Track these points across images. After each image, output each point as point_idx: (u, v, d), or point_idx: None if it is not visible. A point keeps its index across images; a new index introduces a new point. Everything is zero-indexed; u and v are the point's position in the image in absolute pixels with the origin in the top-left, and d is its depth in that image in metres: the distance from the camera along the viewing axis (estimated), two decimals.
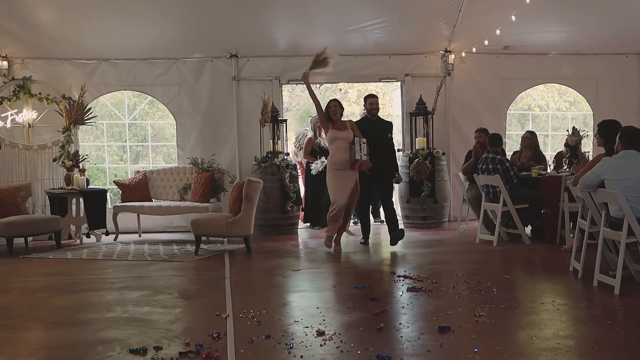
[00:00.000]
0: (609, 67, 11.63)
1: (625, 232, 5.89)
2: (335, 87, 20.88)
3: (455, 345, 4.58)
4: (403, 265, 7.76)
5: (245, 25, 10.33)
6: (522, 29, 10.54)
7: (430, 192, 10.56)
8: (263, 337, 4.85)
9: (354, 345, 4.60)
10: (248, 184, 8.73)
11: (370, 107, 9.23)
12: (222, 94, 11.08)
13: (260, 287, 6.91)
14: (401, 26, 10.72)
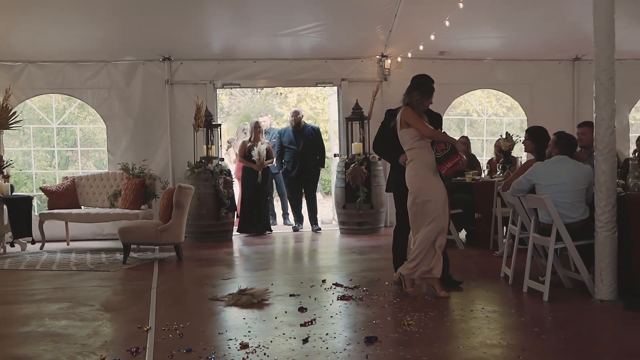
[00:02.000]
0: (542, 73, 11.76)
1: (553, 238, 5.88)
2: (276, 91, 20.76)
3: (380, 356, 4.47)
4: (336, 272, 7.64)
5: (178, 28, 10.07)
6: (457, 35, 10.55)
7: (366, 197, 10.48)
8: (184, 350, 4.66)
9: (277, 358, 4.44)
10: (178, 190, 8.49)
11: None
12: (155, 98, 10.80)
13: (188, 297, 6.68)
14: (337, 30, 10.62)
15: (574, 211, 5.98)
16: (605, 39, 5.68)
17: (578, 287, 6.19)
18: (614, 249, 5.69)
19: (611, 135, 5.70)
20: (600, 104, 5.72)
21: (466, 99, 14.68)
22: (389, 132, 6.48)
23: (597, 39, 5.73)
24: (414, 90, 6.39)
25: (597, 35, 5.72)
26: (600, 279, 5.74)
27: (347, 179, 10.51)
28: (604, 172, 5.67)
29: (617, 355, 4.57)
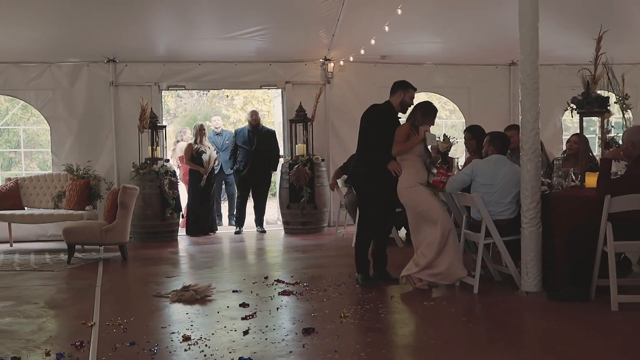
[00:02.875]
0: (480, 77, 12.17)
1: (482, 234, 6.21)
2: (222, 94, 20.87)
3: (317, 345, 4.70)
4: (279, 270, 7.86)
5: (123, 29, 10.12)
6: (397, 40, 10.87)
7: (309, 197, 10.71)
8: (127, 344, 4.82)
9: (218, 349, 4.64)
10: (123, 190, 8.60)
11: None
12: (100, 100, 10.83)
13: (132, 294, 6.83)
14: (282, 34, 10.82)
15: (504, 210, 6.32)
16: (529, 46, 6.02)
17: (507, 281, 6.53)
18: (538, 244, 6.03)
19: (535, 137, 6.04)
20: (525, 108, 6.06)
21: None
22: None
23: (522, 45, 6.07)
24: (418, 111, 6.73)
25: (522, 42, 6.06)
26: (526, 272, 6.08)
27: (290, 180, 10.73)
28: (529, 172, 6.01)
29: (538, 342, 4.89)
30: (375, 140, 6.69)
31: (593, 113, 6.58)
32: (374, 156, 6.73)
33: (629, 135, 5.69)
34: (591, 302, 5.69)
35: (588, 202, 5.84)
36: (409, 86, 6.81)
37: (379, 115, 6.81)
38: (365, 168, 6.82)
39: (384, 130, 6.68)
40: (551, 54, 11.57)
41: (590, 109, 6.47)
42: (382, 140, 6.63)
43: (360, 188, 7.08)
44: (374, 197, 6.78)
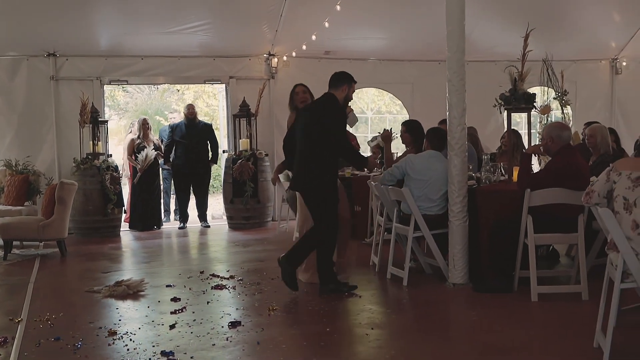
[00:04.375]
0: (423, 72, 12.31)
1: (412, 227, 6.34)
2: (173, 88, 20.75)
3: (241, 338, 4.78)
4: (216, 264, 7.91)
5: (63, 23, 10.02)
6: (340, 35, 10.97)
7: (253, 192, 10.76)
8: (52, 339, 4.83)
9: (142, 344, 4.68)
10: (61, 186, 8.54)
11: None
12: (40, 94, 10.68)
13: (65, 290, 6.80)
14: (225, 29, 10.83)
15: (434, 206, 6.46)
16: (456, 44, 6.18)
17: (436, 273, 6.68)
18: (465, 237, 6.19)
19: (462, 132, 6.20)
20: (452, 104, 6.22)
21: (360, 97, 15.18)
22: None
23: (449, 43, 6.22)
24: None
25: (449, 40, 6.21)
26: (453, 265, 6.23)
27: (234, 175, 10.76)
28: (456, 166, 6.16)
29: (460, 332, 5.06)
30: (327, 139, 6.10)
31: (520, 109, 6.74)
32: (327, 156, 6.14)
33: (548, 131, 5.86)
34: (514, 293, 5.87)
35: (512, 196, 6.00)
36: (353, 80, 6.47)
37: (334, 111, 6.19)
38: (317, 170, 6.13)
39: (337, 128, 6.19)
40: (493, 50, 11.82)
41: (517, 105, 6.64)
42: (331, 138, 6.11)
43: (318, 193, 6.15)
44: (334, 199, 6.19)
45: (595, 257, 6.20)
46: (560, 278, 6.38)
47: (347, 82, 6.38)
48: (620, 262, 3.95)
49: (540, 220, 5.66)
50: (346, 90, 6.35)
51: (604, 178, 4.17)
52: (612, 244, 4.06)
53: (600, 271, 4.78)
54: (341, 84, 6.34)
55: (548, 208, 5.64)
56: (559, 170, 5.70)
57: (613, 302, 4.00)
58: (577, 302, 5.51)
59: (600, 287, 4.36)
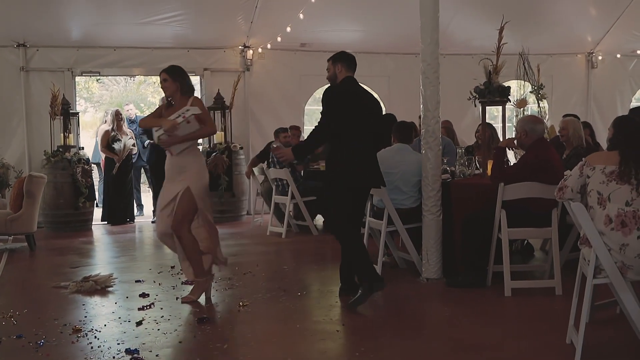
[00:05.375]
0: (399, 65, 12.25)
1: (385, 222, 6.26)
2: (149, 80, 20.58)
3: (209, 335, 4.68)
4: None
5: (33, 12, 9.82)
6: (315, 27, 10.86)
7: (227, 186, 10.64)
8: (14, 337, 4.70)
9: (107, 341, 4.56)
10: (29, 179, 8.37)
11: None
12: (9, 85, 10.45)
13: (31, 286, 6.63)
14: (200, 20, 10.67)
15: (407, 199, 6.40)
16: (429, 36, 6.11)
17: (410, 268, 6.61)
18: (438, 231, 6.13)
19: (436, 125, 6.13)
20: (427, 96, 6.15)
21: None
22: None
23: (422, 35, 6.15)
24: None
25: (423, 32, 6.15)
26: (426, 259, 6.17)
27: (208, 168, 10.57)
28: (430, 160, 6.10)
29: (430, 328, 4.99)
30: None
31: (494, 102, 6.69)
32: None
33: (522, 125, 5.81)
34: (488, 287, 5.83)
35: (486, 190, 5.94)
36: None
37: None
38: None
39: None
40: (470, 44, 11.77)
41: (492, 98, 6.57)
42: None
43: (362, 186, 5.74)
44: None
45: (570, 251, 6.17)
46: (534, 273, 6.34)
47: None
48: (593, 257, 3.90)
49: (514, 214, 5.61)
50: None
51: (577, 173, 4.11)
52: (585, 239, 4.01)
53: (574, 266, 4.73)
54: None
55: (522, 202, 5.59)
56: (532, 164, 5.65)
57: (585, 298, 3.95)
58: (551, 297, 5.48)
59: (574, 281, 4.31)
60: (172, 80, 5.72)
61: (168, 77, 5.72)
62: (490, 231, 5.76)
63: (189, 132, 5.59)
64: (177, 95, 5.74)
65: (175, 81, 5.72)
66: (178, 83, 5.73)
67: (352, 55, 5.96)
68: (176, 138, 5.57)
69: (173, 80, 5.72)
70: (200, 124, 5.63)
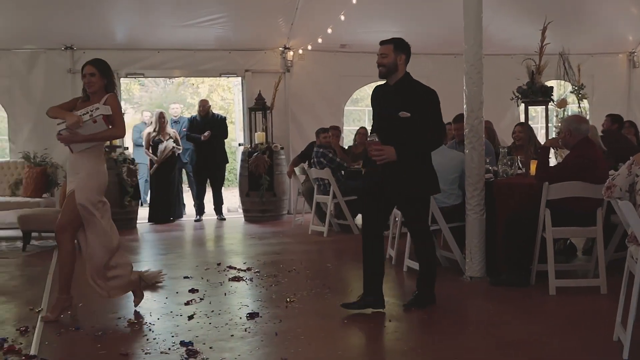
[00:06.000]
0: (438, 66, 12.28)
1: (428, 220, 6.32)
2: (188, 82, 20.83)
3: (259, 329, 4.81)
4: (233, 256, 7.94)
5: (81, 16, 10.08)
6: (356, 28, 10.96)
7: (269, 185, 10.79)
8: (73, 329, 4.88)
9: (161, 334, 4.72)
10: None
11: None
12: (57, 87, 10.73)
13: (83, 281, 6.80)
14: (241, 22, 10.86)
15: (447, 197, 6.47)
16: (473, 37, 6.17)
17: (453, 266, 6.68)
18: (482, 230, 6.18)
19: (479, 125, 6.20)
20: (470, 97, 6.22)
21: (368, 92, 15.06)
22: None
23: (466, 36, 6.22)
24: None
25: (466, 33, 6.22)
26: (470, 258, 6.23)
27: (250, 168, 10.80)
28: (473, 160, 6.16)
29: (475, 326, 5.05)
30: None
31: (537, 102, 6.73)
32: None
33: (566, 125, 5.85)
34: (531, 286, 5.86)
35: (529, 189, 6.00)
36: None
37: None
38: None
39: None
40: (510, 44, 11.77)
41: (535, 99, 6.62)
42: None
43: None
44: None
45: (614, 251, 6.18)
46: (578, 272, 6.36)
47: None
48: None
49: (558, 213, 5.65)
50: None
51: (625, 172, 4.15)
52: (633, 237, 4.04)
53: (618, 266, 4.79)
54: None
55: (566, 201, 5.63)
56: (577, 163, 5.69)
57: (633, 295, 3.98)
58: (596, 296, 5.50)
59: (618, 281, 4.35)
60: (101, 75, 5.24)
61: (96, 72, 5.23)
62: (534, 230, 5.81)
63: (93, 132, 5.10)
64: (100, 91, 5.26)
65: (104, 77, 5.26)
66: (106, 80, 5.27)
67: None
68: (78, 136, 5.09)
69: (101, 75, 5.24)
70: (110, 125, 5.15)
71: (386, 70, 5.16)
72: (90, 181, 5.19)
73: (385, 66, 5.16)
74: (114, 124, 5.19)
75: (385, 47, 5.19)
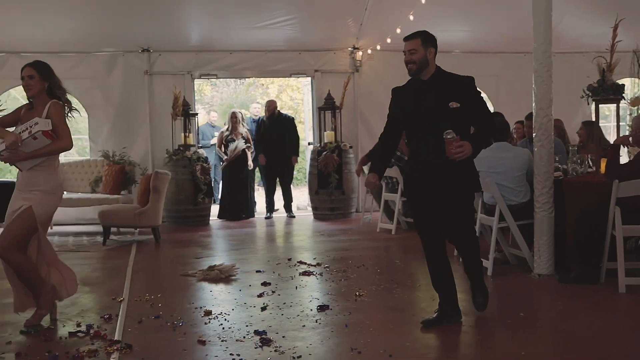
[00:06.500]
0: (507, 65, 12.23)
1: (497, 218, 6.39)
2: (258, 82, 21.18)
3: (329, 321, 4.98)
4: (302, 252, 8.13)
5: (157, 20, 10.47)
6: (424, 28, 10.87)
7: (337, 184, 10.96)
8: (152, 317, 5.15)
9: (236, 323, 4.94)
10: (155, 175, 8.95)
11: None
12: (135, 88, 11.19)
13: (161, 274, 7.18)
14: (311, 23, 11.05)
15: (515, 195, 6.50)
16: (542, 35, 6.19)
17: (521, 264, 6.70)
18: (550, 228, 6.20)
19: (548, 123, 6.20)
20: (539, 95, 6.24)
21: None
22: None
23: (535, 34, 6.24)
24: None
25: (536, 31, 6.23)
26: (538, 256, 6.25)
27: (319, 167, 10.98)
28: (542, 158, 6.18)
29: (544, 322, 5.09)
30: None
31: (608, 100, 6.68)
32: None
33: (637, 122, 5.82)
34: (600, 284, 5.85)
35: (599, 187, 5.98)
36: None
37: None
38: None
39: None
40: (581, 41, 11.63)
41: (606, 97, 6.58)
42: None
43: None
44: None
45: None
46: None
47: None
48: None
49: (629, 211, 5.62)
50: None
51: None
52: None
53: None
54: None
55: (637, 199, 5.60)
56: None
57: None
58: None
59: None
60: (40, 78, 4.94)
61: (35, 74, 4.94)
62: (604, 228, 5.79)
63: (36, 148, 4.84)
64: (41, 96, 4.97)
65: (44, 80, 4.96)
66: (47, 82, 4.97)
67: None
68: (20, 155, 4.82)
69: (41, 78, 4.95)
70: (53, 138, 4.87)
71: (417, 67, 4.86)
72: (50, 200, 5.00)
73: (415, 62, 4.86)
74: (58, 136, 4.88)
75: (412, 42, 4.94)
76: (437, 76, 4.92)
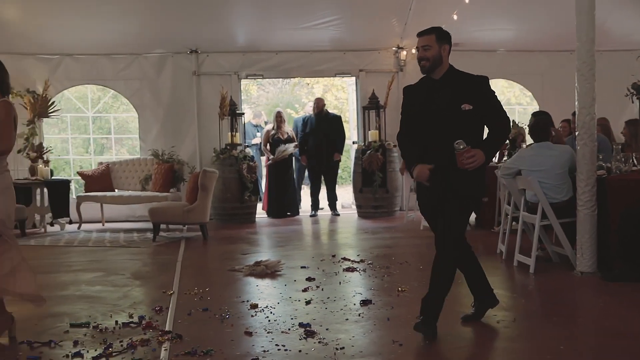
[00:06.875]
0: (553, 63, 12.17)
1: (539, 216, 6.43)
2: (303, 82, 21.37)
3: (371, 314, 5.10)
4: (346, 249, 8.26)
5: (205, 22, 10.72)
6: (470, 27, 11.03)
7: (381, 182, 11.06)
8: (201, 310, 5.34)
9: (281, 316, 5.10)
10: (203, 174, 9.18)
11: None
12: (183, 88, 11.48)
13: (209, 269, 7.39)
14: (355, 23, 11.18)
15: (557, 192, 6.53)
16: (585, 34, 6.20)
17: (564, 262, 6.73)
18: (593, 226, 6.21)
19: (591, 122, 6.22)
20: (582, 94, 6.25)
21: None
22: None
23: (578, 33, 6.25)
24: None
25: (578, 30, 6.25)
26: (581, 253, 6.27)
27: (363, 165, 11.10)
28: (584, 156, 6.19)
29: (586, 318, 5.13)
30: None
31: None
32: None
33: None
34: None
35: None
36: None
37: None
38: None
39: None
40: (629, 39, 11.51)
41: None
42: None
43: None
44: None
45: None
46: None
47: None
48: None
49: None
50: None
51: None
52: None
53: None
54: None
55: None
56: None
57: None
58: None
59: None
60: None
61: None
62: None
63: None
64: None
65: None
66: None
67: None
68: None
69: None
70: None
71: (430, 64, 4.58)
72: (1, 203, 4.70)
73: (429, 59, 4.58)
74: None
75: (426, 38, 4.63)
76: (450, 75, 4.67)
